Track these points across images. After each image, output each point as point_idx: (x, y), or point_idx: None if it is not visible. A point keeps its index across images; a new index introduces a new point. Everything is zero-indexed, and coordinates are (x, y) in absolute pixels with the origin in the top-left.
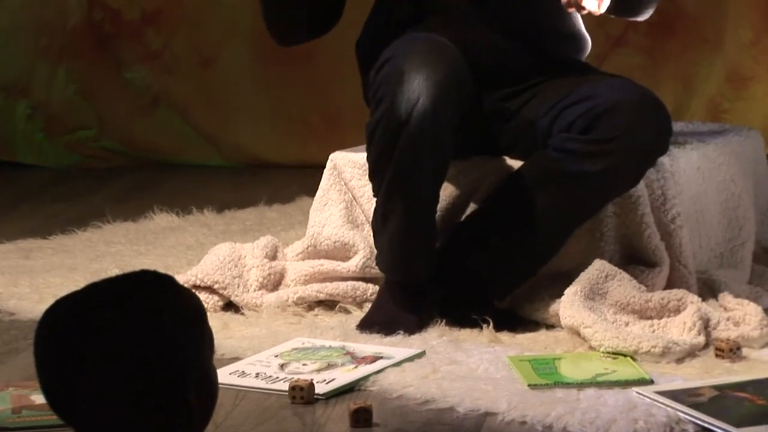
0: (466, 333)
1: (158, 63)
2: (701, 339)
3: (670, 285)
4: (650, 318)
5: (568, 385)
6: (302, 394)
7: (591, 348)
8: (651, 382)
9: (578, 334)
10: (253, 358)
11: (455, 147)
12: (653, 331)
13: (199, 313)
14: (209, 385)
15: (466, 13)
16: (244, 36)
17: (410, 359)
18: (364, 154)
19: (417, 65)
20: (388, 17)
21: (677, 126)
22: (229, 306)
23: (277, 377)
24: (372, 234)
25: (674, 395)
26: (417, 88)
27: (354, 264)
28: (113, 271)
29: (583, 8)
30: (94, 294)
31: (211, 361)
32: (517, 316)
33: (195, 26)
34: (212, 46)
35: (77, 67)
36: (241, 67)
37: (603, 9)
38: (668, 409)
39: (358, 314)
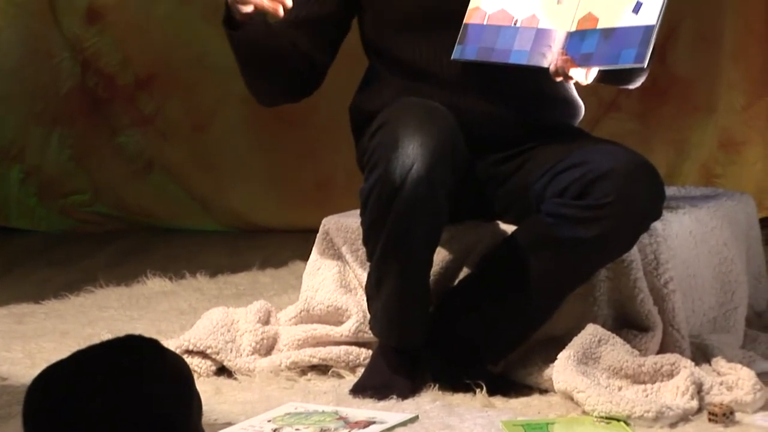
0: (459, 397)
1: (152, 127)
2: (694, 403)
3: (663, 349)
4: (643, 382)
5: None
6: None
7: (584, 412)
8: None
9: (571, 398)
10: (246, 423)
11: (449, 212)
12: (646, 396)
13: (186, 376)
14: None
15: (459, 80)
16: (238, 101)
17: (403, 424)
18: (357, 219)
19: (411, 131)
20: (381, 83)
21: (670, 191)
22: (222, 371)
23: None
24: (365, 299)
25: None
26: (411, 154)
27: (347, 328)
28: (105, 336)
29: (571, 78)
30: (81, 360)
31: (200, 424)
32: (511, 381)
33: (188, 91)
34: (206, 110)
35: (71, 132)
36: (235, 131)
37: (590, 80)
38: None
39: (351, 379)
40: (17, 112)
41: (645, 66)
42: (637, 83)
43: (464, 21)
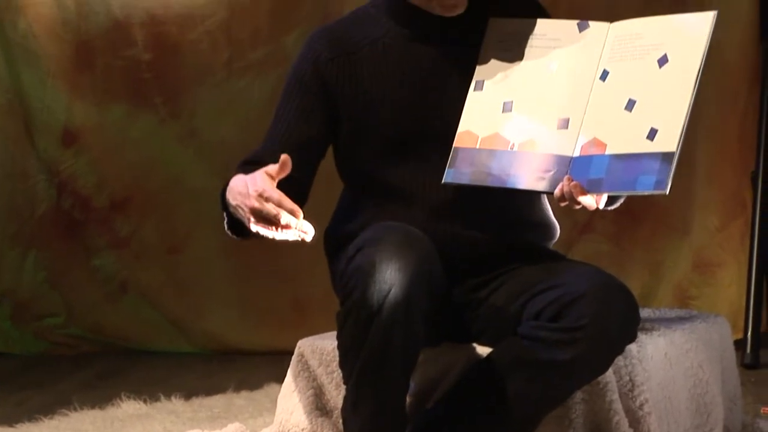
0: None
1: (127, 250)
2: None
3: None
4: None
5: None
6: None
7: None
8: None
9: None
10: None
11: (425, 335)
12: None
13: None
14: None
15: (436, 205)
16: (213, 224)
17: None
18: (333, 341)
19: (389, 255)
20: (358, 206)
21: (645, 312)
22: None
23: None
24: (341, 421)
25: None
26: (389, 279)
27: None
28: None
29: (578, 203)
30: None
31: None
32: None
33: (164, 214)
34: (181, 233)
35: (46, 254)
36: (210, 254)
37: (601, 206)
38: None
39: None
40: None
41: (667, 193)
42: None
43: (454, 144)
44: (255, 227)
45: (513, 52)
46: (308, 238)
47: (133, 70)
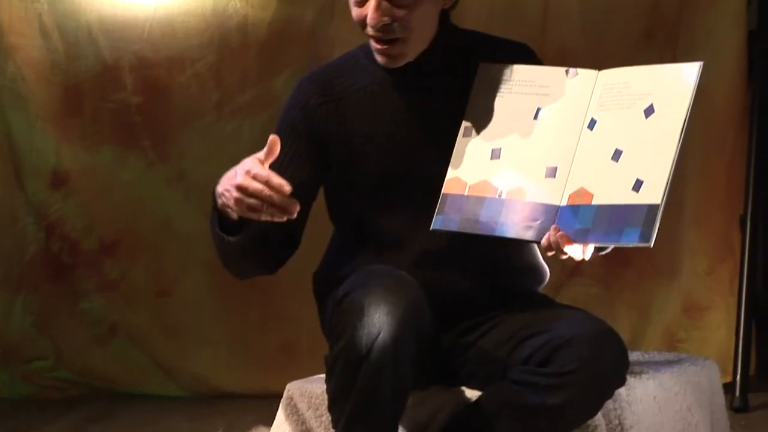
0: None
1: (116, 293)
2: None
3: None
4: None
5: None
6: None
7: None
8: None
9: None
10: None
11: (414, 378)
12: None
13: None
14: None
15: (425, 250)
16: (202, 266)
17: None
18: (321, 384)
19: (377, 299)
20: (347, 251)
21: (633, 356)
22: None
23: None
24: None
25: None
26: (377, 323)
27: None
28: None
29: (564, 254)
30: None
31: None
32: None
33: (152, 256)
34: (170, 276)
35: (35, 297)
36: (199, 297)
37: (587, 256)
38: None
39: None
40: None
41: (651, 246)
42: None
43: (443, 191)
44: (237, 211)
45: (502, 99)
46: (293, 216)
47: (122, 113)
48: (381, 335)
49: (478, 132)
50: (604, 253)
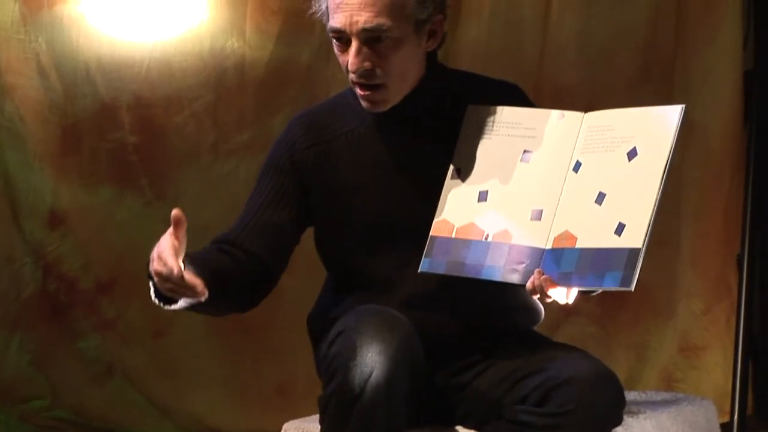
0: None
1: (112, 332)
2: None
3: None
4: None
5: None
6: None
7: None
8: None
9: None
10: None
11: (408, 417)
12: None
13: None
14: None
15: (416, 293)
16: None
17: None
18: (318, 425)
19: (369, 339)
20: (339, 294)
21: (630, 395)
22: None
23: None
24: None
25: None
26: (370, 362)
27: None
28: None
29: (549, 297)
30: None
31: None
32: None
33: (149, 295)
34: (166, 315)
35: (31, 337)
36: (195, 337)
37: (571, 300)
38: None
39: None
40: None
41: (632, 290)
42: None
43: (431, 233)
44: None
45: (490, 141)
46: (201, 298)
47: (119, 153)
48: (374, 374)
49: (466, 174)
50: (591, 295)
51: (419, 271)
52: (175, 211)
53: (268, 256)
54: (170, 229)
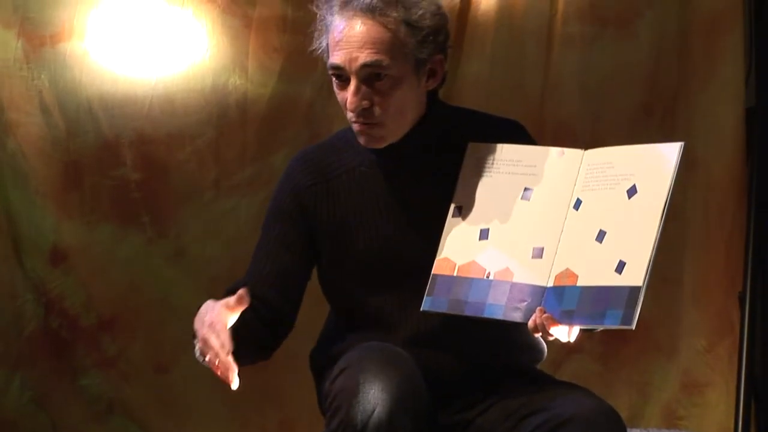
0: None
1: (114, 370)
2: None
3: None
4: None
5: None
6: None
7: None
8: None
9: None
10: None
11: None
12: None
13: None
14: None
15: (419, 331)
16: None
17: None
18: None
19: (372, 376)
20: (342, 331)
21: None
22: None
23: None
24: None
25: None
26: (372, 399)
27: None
28: None
29: (550, 335)
30: None
31: None
32: None
33: (151, 333)
34: (168, 352)
35: (33, 374)
36: (197, 374)
37: (572, 338)
38: None
39: None
40: None
41: (633, 328)
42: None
43: (433, 271)
44: (199, 356)
45: (491, 179)
46: (233, 386)
47: (121, 189)
48: (376, 412)
49: (467, 212)
50: (593, 332)
51: (422, 309)
52: (242, 291)
53: (284, 302)
54: (231, 302)
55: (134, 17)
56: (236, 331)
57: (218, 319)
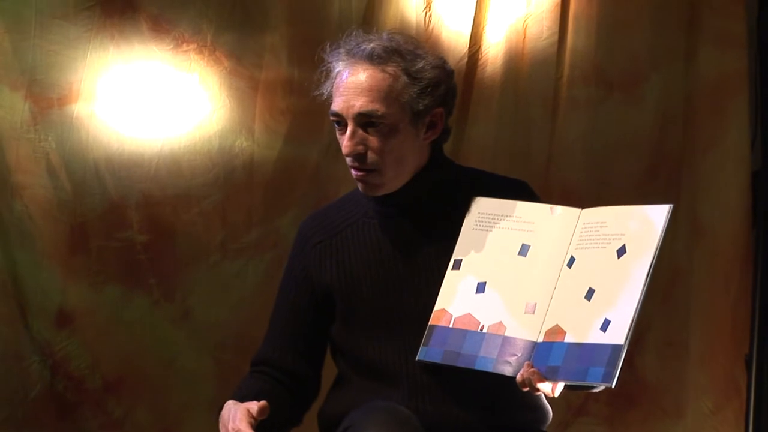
0: None
1: None
2: None
3: None
4: None
5: None
6: None
7: None
8: None
9: None
10: None
11: None
12: None
13: None
14: None
15: (425, 382)
16: (206, 404)
17: None
18: None
19: None
20: (347, 386)
21: None
22: None
23: None
24: None
25: None
26: None
27: None
28: None
29: (537, 390)
30: None
31: None
32: None
33: (156, 395)
34: (174, 415)
35: None
36: None
37: (557, 393)
38: None
39: None
40: None
41: (613, 386)
42: (601, 387)
43: (430, 322)
44: None
45: (491, 233)
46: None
47: (127, 252)
48: None
49: (466, 266)
50: (577, 391)
51: (416, 359)
52: (263, 403)
53: (307, 367)
54: (253, 409)
55: (141, 80)
56: (268, 409)
57: (241, 426)
